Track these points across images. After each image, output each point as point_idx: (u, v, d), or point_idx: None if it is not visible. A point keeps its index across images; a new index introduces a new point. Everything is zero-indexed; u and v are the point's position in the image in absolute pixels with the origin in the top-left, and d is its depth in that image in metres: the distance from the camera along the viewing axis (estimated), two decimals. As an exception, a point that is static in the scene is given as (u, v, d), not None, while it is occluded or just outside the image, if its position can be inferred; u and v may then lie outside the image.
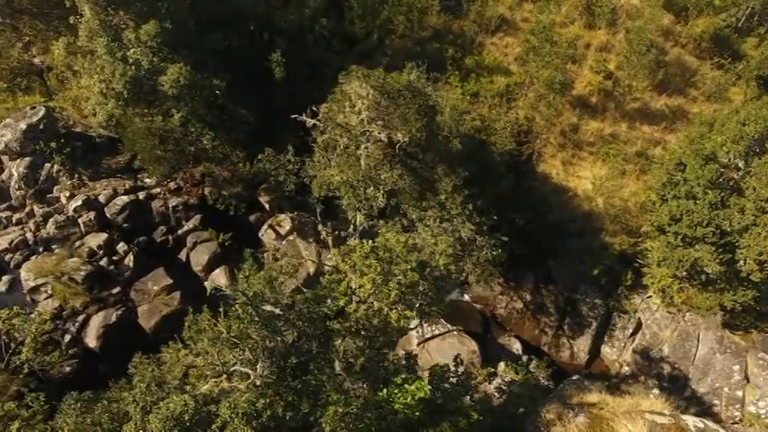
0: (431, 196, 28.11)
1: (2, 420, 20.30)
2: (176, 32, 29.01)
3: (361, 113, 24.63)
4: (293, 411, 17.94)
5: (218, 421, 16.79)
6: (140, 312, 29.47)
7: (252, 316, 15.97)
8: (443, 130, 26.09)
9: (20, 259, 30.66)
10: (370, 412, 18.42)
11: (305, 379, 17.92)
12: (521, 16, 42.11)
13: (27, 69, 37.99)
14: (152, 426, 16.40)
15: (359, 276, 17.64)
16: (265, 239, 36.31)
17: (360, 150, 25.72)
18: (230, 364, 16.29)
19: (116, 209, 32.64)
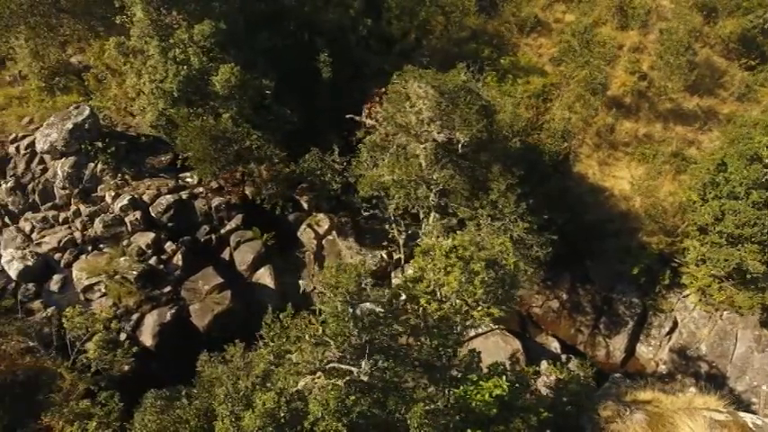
0: (482, 195, 28.34)
1: (78, 419, 20.42)
2: (227, 32, 29.13)
3: (422, 113, 24.82)
4: (379, 408, 18.16)
5: (310, 417, 16.98)
6: (192, 311, 29.61)
7: (348, 314, 16.14)
8: (503, 129, 26.34)
9: (70, 258, 30.74)
10: (453, 409, 18.66)
11: (391, 377, 18.13)
12: (553, 17, 42.42)
13: (64, 69, 38.01)
14: (247, 422, 16.57)
15: (444, 275, 17.83)
16: (304, 239, 36.46)
17: (418, 151, 25.90)
18: (324, 361, 16.44)
19: (161, 208, 32.76)
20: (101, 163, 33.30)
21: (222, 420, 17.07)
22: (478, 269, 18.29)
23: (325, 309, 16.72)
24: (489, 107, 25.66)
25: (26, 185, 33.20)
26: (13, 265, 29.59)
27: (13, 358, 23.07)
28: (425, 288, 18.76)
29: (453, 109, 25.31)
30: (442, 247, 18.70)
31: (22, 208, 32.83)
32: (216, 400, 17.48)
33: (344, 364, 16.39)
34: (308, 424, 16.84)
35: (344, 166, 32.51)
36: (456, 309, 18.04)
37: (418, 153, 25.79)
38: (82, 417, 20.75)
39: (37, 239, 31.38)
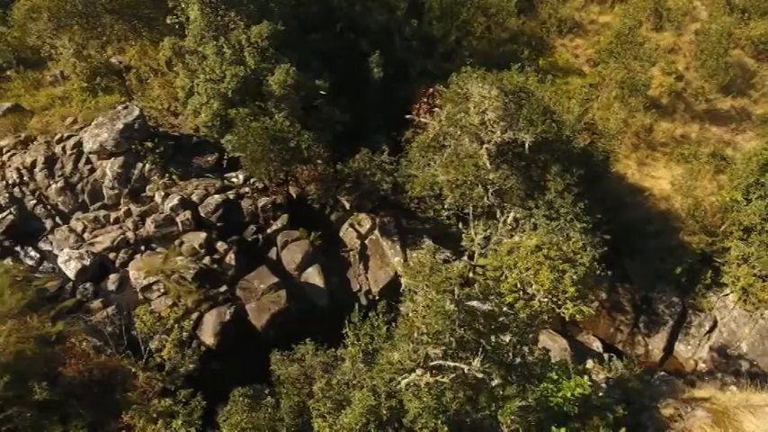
0: (538, 196, 28.61)
1: (161, 417, 20.55)
2: (282, 33, 29.31)
3: (488, 114, 25.07)
4: (471, 406, 18.40)
5: (410, 415, 17.20)
6: (249, 310, 29.75)
7: (455, 312, 16.36)
8: (566, 129, 26.62)
9: (125, 258, 30.82)
10: (541, 407, 18.92)
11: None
12: (588, 18, 42.77)
13: (106, 69, 38.08)
14: (348, 419, 16.78)
15: (533, 273, 18.07)
16: (346, 239, 36.63)
17: (481, 151, 26.14)
18: (429, 359, 16.66)
19: (210, 208, 32.88)
20: (149, 163, 33.36)
21: (319, 418, 17.22)
22: (566, 267, 18.52)
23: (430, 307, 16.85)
24: (549, 108, 25.89)
25: (75, 185, 33.22)
26: (70, 264, 29.63)
27: (89, 357, 23.17)
28: (512, 286, 18.95)
29: (517, 109, 25.54)
30: (528, 246, 18.91)
31: (73, 208, 32.86)
32: (313, 397, 17.59)
33: (448, 361, 16.55)
34: (408, 421, 17.03)
35: (394, 166, 32.73)
36: (544, 307, 18.25)
37: (481, 153, 25.97)
38: (165, 415, 20.88)
39: (89, 239, 31.42)
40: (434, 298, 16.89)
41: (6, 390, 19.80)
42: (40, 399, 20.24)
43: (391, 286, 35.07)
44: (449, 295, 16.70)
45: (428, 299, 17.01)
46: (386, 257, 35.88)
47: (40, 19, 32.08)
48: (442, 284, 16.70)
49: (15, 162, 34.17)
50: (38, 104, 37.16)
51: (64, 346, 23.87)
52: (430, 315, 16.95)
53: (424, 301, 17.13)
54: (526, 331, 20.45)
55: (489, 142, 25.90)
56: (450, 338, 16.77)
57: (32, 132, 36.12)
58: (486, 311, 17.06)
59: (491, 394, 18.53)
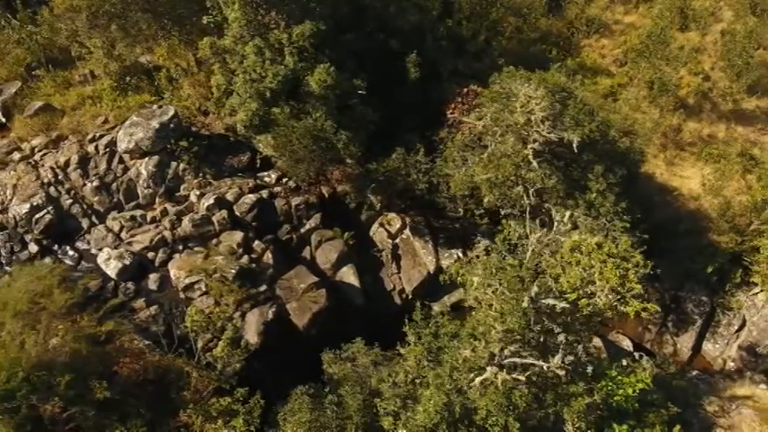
0: (578, 195, 28.72)
1: (220, 416, 20.59)
2: (321, 33, 29.37)
3: (535, 113, 25.18)
4: (537, 404, 18.49)
5: (481, 412, 17.28)
6: (290, 310, 29.80)
7: (531, 310, 16.44)
8: (611, 129, 26.76)
9: (164, 257, 30.80)
10: (604, 404, 19.03)
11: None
12: (613, 19, 42.95)
13: (135, 69, 38.04)
14: (420, 418, 16.84)
15: (597, 271, 18.19)
16: (376, 238, 36.70)
17: (526, 150, 26.26)
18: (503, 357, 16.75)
19: (245, 207, 32.92)
20: (183, 162, 33.35)
21: (388, 416, 17.29)
22: (628, 265, 18.66)
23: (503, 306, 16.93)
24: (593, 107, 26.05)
25: (110, 185, 33.19)
26: (110, 264, 29.60)
27: (143, 357, 23.18)
28: (573, 284, 19.06)
29: (562, 109, 25.67)
30: (590, 244, 19.03)
31: (108, 207, 32.81)
32: (376, 396, 17.64)
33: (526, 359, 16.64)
34: (479, 419, 17.11)
35: (429, 165, 32.81)
36: (607, 304, 18.37)
37: (526, 152, 26.09)
38: (224, 414, 20.91)
39: (127, 239, 31.40)
40: (507, 297, 16.96)
41: (67, 389, 19.79)
42: (100, 398, 20.24)
43: (424, 285, 35.25)
44: (525, 293, 16.77)
45: (500, 297, 17.08)
46: (418, 257, 35.98)
47: (79, 18, 31.96)
48: (514, 283, 16.77)
49: (49, 161, 34.13)
50: (68, 104, 37.07)
51: (114, 345, 23.86)
52: (505, 313, 17.00)
53: (496, 299, 17.20)
54: (583, 329, 20.54)
55: (535, 142, 25.96)
56: (527, 336, 16.85)
57: (64, 132, 36.08)
58: (562, 309, 17.14)
59: (557, 392, 18.61)
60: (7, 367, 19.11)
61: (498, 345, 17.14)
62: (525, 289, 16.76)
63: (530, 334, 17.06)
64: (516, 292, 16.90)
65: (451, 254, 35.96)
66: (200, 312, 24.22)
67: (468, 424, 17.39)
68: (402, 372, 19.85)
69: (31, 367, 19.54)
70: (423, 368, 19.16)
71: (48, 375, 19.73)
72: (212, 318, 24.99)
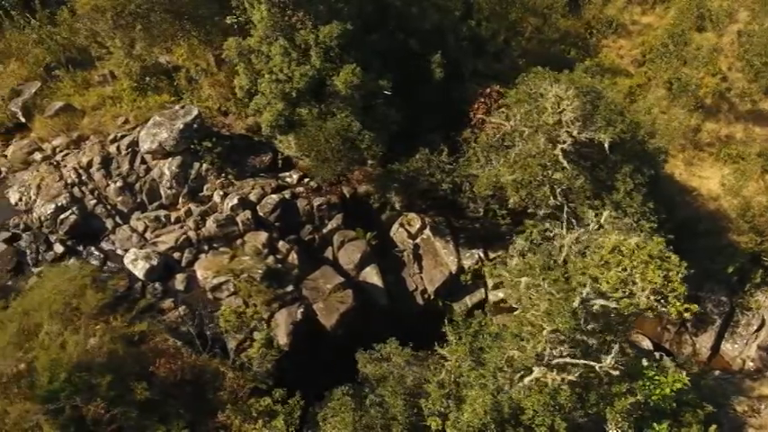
0: (605, 195, 28.77)
1: (260, 416, 20.60)
2: (348, 33, 29.39)
3: (566, 114, 25.23)
4: (581, 404, 18.55)
5: (528, 412, 17.32)
6: (317, 310, 29.83)
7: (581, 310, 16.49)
8: (640, 129, 26.82)
9: (190, 257, 30.81)
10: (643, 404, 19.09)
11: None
12: (630, 19, 43.04)
13: (154, 69, 38.00)
14: (468, 417, 16.88)
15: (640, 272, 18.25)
16: (397, 238, 36.69)
17: (556, 150, 26.32)
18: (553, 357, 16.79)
19: (268, 208, 32.92)
20: (206, 163, 33.34)
21: (435, 416, 17.32)
22: (671, 266, 18.72)
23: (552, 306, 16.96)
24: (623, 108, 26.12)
25: (133, 185, 33.16)
26: (137, 264, 29.59)
27: (179, 357, 23.17)
28: (613, 285, 19.11)
29: (593, 110, 25.73)
30: (630, 244, 19.09)
31: (132, 207, 32.78)
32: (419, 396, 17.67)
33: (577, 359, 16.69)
34: (527, 419, 17.15)
35: (453, 166, 32.84)
36: (649, 305, 18.44)
37: (556, 153, 26.14)
38: (264, 414, 20.91)
39: (152, 239, 31.39)
40: (555, 297, 17.00)
41: (108, 390, 19.77)
42: (141, 398, 20.22)
43: (446, 285, 35.25)
44: (576, 294, 16.82)
45: (546, 298, 17.12)
46: (439, 257, 35.99)
47: (103, 18, 31.93)
48: (562, 283, 16.81)
49: (71, 162, 34.10)
50: (88, 104, 37.07)
51: (147, 345, 23.85)
52: (553, 314, 17.05)
53: (543, 299, 17.24)
54: (620, 329, 20.61)
55: (564, 142, 26.01)
56: (577, 337, 16.89)
57: (85, 132, 36.10)
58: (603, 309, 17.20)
59: (599, 392, 18.66)
60: (49, 368, 19.07)
61: (547, 345, 17.17)
62: (572, 289, 16.80)
63: (579, 335, 17.09)
64: (564, 293, 16.94)
65: (472, 254, 35.97)
66: (234, 313, 24.13)
67: (515, 424, 17.43)
68: (443, 372, 19.88)
69: (73, 368, 19.51)
70: (465, 368, 19.16)
71: (89, 376, 19.70)
72: (244, 318, 24.90)
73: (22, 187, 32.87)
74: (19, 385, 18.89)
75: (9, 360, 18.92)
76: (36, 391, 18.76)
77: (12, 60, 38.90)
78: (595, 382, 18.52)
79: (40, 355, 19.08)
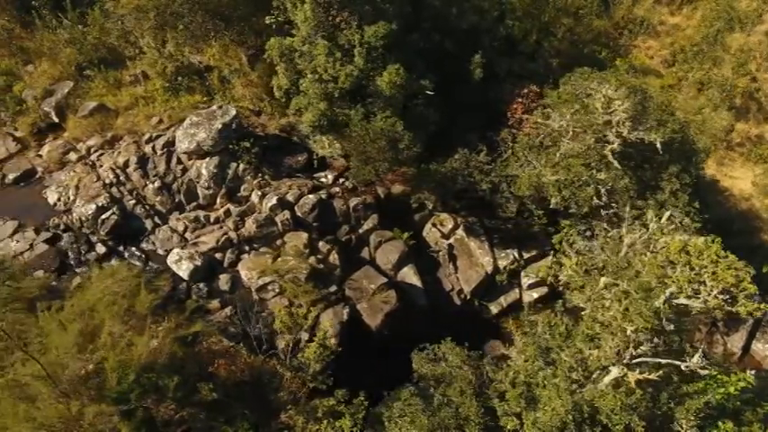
0: (650, 195, 28.83)
1: (326, 417, 20.56)
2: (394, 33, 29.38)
3: (617, 114, 25.27)
4: (653, 403, 18.56)
5: (604, 412, 17.32)
6: (362, 310, 29.79)
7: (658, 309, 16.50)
8: (689, 129, 26.90)
9: (232, 258, 30.71)
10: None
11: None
12: (657, 19, 43.14)
13: (186, 69, 37.91)
14: (546, 417, 16.87)
15: (710, 272, 18.29)
16: (429, 238, 36.65)
17: (606, 151, 26.36)
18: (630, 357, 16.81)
19: (306, 208, 32.83)
20: (243, 163, 33.25)
21: (511, 416, 17.31)
22: (741, 266, 18.77)
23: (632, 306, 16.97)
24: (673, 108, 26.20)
25: (170, 185, 33.06)
26: (182, 265, 29.49)
27: (241, 358, 23.11)
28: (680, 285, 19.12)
29: (643, 110, 25.77)
30: (698, 245, 19.13)
31: (170, 208, 32.68)
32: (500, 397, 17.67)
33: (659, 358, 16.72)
34: (604, 418, 17.16)
35: (491, 166, 32.86)
36: (718, 305, 18.48)
37: (606, 153, 26.18)
38: (329, 415, 20.87)
39: (192, 239, 31.29)
40: (634, 297, 17.01)
41: (175, 391, 19.69)
42: (207, 400, 20.15)
43: (482, 286, 35.25)
44: (659, 293, 16.83)
45: (620, 296, 17.12)
46: (474, 257, 35.96)
47: (146, 18, 31.83)
48: (643, 283, 16.83)
49: (107, 162, 33.99)
50: (121, 104, 36.96)
51: (202, 346, 23.77)
52: (632, 313, 17.05)
53: (621, 299, 17.25)
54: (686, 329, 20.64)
55: (614, 143, 26.05)
56: (660, 336, 16.92)
57: (118, 132, 35.99)
58: (694, 308, 17.24)
59: (670, 391, 18.69)
60: (118, 369, 18.99)
61: (630, 344, 17.19)
62: (650, 288, 16.83)
63: (661, 335, 17.12)
64: (644, 292, 16.97)
65: (507, 254, 35.96)
66: (289, 314, 24.09)
67: (592, 423, 17.44)
68: (511, 372, 19.87)
69: (141, 369, 19.43)
70: (534, 368, 19.16)
71: (156, 377, 19.62)
72: (296, 319, 24.86)
73: (60, 187, 32.74)
74: (88, 386, 18.77)
75: (78, 362, 18.79)
76: (106, 392, 18.66)
77: (42, 60, 38.74)
78: (668, 382, 18.54)
79: (109, 356, 18.97)
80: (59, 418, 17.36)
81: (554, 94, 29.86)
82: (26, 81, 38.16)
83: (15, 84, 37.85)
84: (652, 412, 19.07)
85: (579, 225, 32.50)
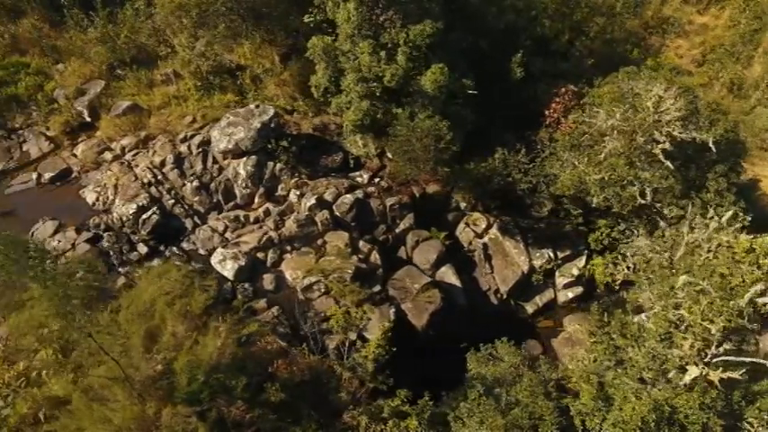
0: (694, 194, 28.86)
1: (391, 417, 20.50)
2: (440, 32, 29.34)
3: (670, 113, 25.27)
4: (725, 402, 18.57)
5: (683, 411, 17.32)
6: (407, 310, 29.72)
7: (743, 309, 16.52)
8: (740, 129, 26.94)
9: (275, 257, 30.60)
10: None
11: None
12: (686, 19, 43.25)
13: (219, 68, 37.75)
14: (628, 415, 16.83)
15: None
16: (463, 238, 36.57)
17: (655, 150, 26.36)
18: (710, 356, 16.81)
19: (345, 207, 32.71)
20: (280, 162, 33.13)
21: (590, 416, 17.29)
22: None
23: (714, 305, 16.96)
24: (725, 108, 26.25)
25: (208, 185, 32.92)
26: (227, 265, 29.35)
27: (297, 358, 23.00)
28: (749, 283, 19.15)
29: (695, 109, 25.81)
30: (763, 244, 19.15)
31: (208, 207, 32.54)
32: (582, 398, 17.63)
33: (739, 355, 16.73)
34: (682, 417, 17.15)
35: (530, 165, 32.87)
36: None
37: (656, 152, 26.18)
38: (395, 415, 20.79)
39: (233, 239, 31.15)
40: (714, 296, 17.01)
41: (243, 391, 19.59)
42: (274, 400, 20.04)
43: (519, 285, 35.25)
44: (744, 292, 16.83)
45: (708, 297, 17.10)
46: (509, 257, 35.94)
47: (188, 17, 31.68)
48: (723, 282, 16.84)
49: (142, 161, 33.82)
50: (153, 103, 36.78)
51: (257, 346, 23.66)
52: (716, 312, 17.04)
53: (697, 298, 17.25)
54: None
55: (664, 142, 26.07)
56: (744, 336, 16.92)
57: (152, 131, 35.83)
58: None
59: (743, 390, 18.70)
60: (187, 370, 18.87)
61: (713, 343, 17.20)
62: (731, 288, 16.84)
63: (743, 333, 17.14)
64: (724, 291, 16.97)
65: (542, 253, 35.98)
66: (345, 314, 24.00)
67: (669, 422, 17.43)
68: (579, 371, 19.84)
69: (210, 369, 19.31)
70: (603, 367, 19.14)
71: (224, 378, 19.51)
72: (349, 319, 24.78)
73: (98, 187, 32.57)
74: (157, 387, 18.65)
75: (148, 362, 18.66)
76: (177, 393, 18.54)
77: (72, 59, 38.53)
78: (741, 382, 18.55)
79: (179, 356, 18.84)
80: (135, 419, 17.24)
81: (597, 93, 29.81)
82: (57, 80, 37.96)
83: (46, 83, 37.62)
84: (722, 411, 19.06)
85: (619, 224, 32.56)
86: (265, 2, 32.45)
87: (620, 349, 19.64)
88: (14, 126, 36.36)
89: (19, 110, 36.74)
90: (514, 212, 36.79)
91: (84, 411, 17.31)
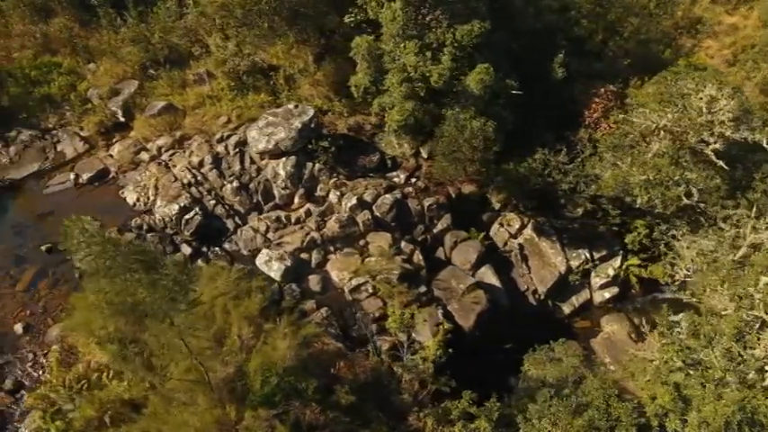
0: (740, 195, 28.88)
1: (459, 419, 20.42)
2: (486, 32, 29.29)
3: (724, 113, 25.28)
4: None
5: (762, 412, 17.31)
6: (453, 311, 29.65)
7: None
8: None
9: (319, 258, 30.49)
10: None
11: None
12: (715, 19, 43.28)
13: (252, 68, 37.59)
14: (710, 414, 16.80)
15: None
16: (497, 238, 36.49)
17: (707, 150, 26.36)
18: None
19: (385, 208, 32.62)
20: (319, 163, 33.01)
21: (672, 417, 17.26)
22: None
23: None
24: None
25: (247, 185, 32.77)
26: (272, 265, 29.23)
27: (358, 360, 22.90)
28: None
29: (747, 110, 25.82)
30: None
31: (249, 208, 32.39)
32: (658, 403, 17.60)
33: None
34: (762, 417, 17.13)
35: (571, 166, 32.84)
36: None
37: (708, 152, 26.18)
38: (463, 417, 20.72)
39: (275, 240, 31.01)
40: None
41: (314, 394, 19.48)
42: (344, 402, 19.94)
43: (557, 286, 35.25)
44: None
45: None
46: (545, 257, 35.91)
47: (232, 16, 31.52)
48: None
49: (180, 162, 33.64)
50: (188, 103, 36.61)
51: (316, 348, 23.54)
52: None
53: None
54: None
55: (715, 143, 26.08)
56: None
57: (187, 132, 35.69)
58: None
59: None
60: (260, 372, 18.74)
61: None
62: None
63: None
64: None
65: (579, 254, 35.97)
66: (401, 315, 23.92)
67: (751, 423, 17.43)
68: (650, 373, 19.82)
69: (283, 371, 19.20)
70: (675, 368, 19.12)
71: (294, 380, 19.39)
72: (404, 320, 24.70)
73: (138, 187, 32.37)
74: (230, 389, 18.52)
75: (221, 365, 18.52)
76: (251, 396, 18.41)
77: (104, 59, 38.32)
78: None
79: (252, 358, 18.72)
80: (216, 423, 17.10)
81: (641, 93, 29.80)
82: (89, 80, 37.71)
83: (79, 83, 37.38)
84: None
85: (659, 225, 32.56)
86: (305, 1, 32.18)
87: (692, 350, 19.64)
88: (48, 126, 36.07)
89: (52, 110, 36.47)
90: (549, 213, 36.79)
91: (163, 416, 17.15)
